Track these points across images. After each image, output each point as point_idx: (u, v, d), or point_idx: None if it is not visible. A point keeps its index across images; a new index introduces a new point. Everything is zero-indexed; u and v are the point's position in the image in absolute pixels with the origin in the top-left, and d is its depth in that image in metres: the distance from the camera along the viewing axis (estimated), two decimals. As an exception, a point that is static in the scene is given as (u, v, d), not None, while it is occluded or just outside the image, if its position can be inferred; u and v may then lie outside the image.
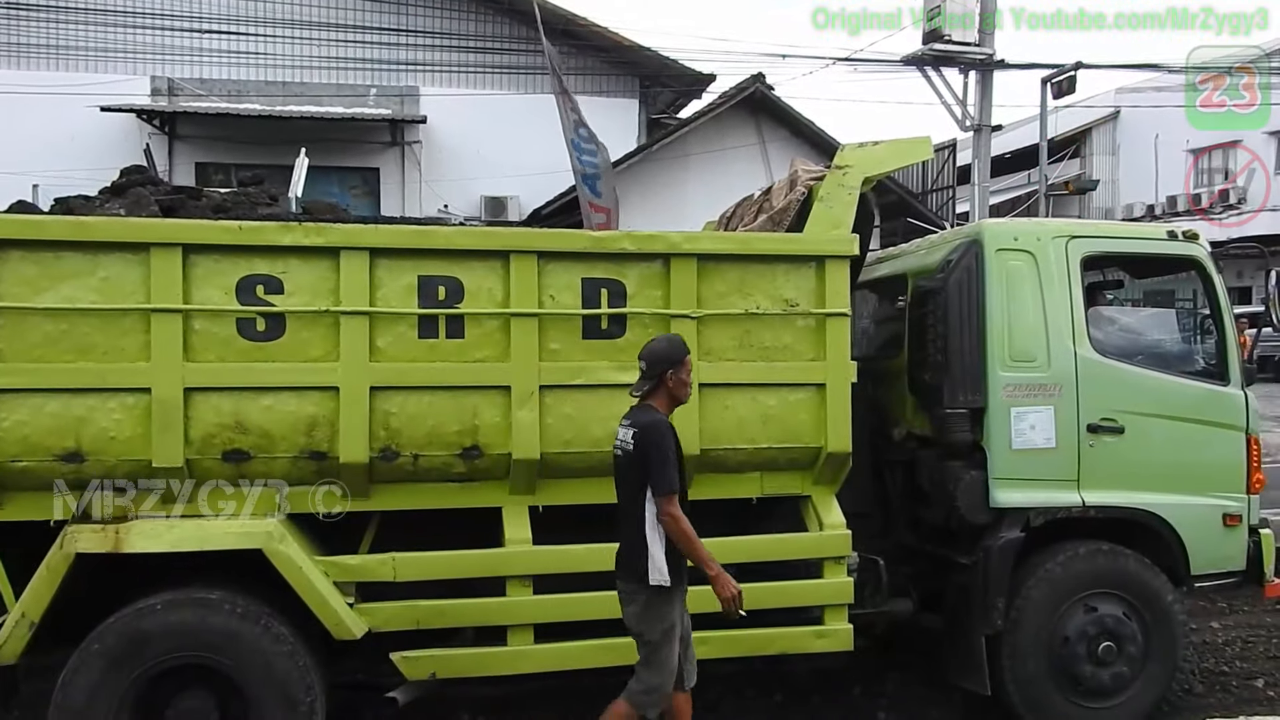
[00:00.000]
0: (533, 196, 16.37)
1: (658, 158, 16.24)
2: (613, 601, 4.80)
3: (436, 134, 16.98)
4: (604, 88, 17.47)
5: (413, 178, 17.03)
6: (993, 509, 5.19)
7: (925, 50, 16.45)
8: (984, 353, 5.21)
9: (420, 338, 4.65)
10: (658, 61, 17.57)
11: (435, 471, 4.72)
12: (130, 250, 4.41)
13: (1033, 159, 20.25)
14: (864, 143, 5.23)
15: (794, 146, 16.63)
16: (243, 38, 16.52)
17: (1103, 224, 6.73)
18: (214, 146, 16.57)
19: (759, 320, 4.94)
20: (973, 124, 16.96)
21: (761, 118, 16.78)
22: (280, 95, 16.69)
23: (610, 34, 17.12)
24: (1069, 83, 17.65)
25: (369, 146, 17.01)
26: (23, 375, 4.31)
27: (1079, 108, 22.88)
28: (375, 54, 16.87)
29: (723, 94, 17.13)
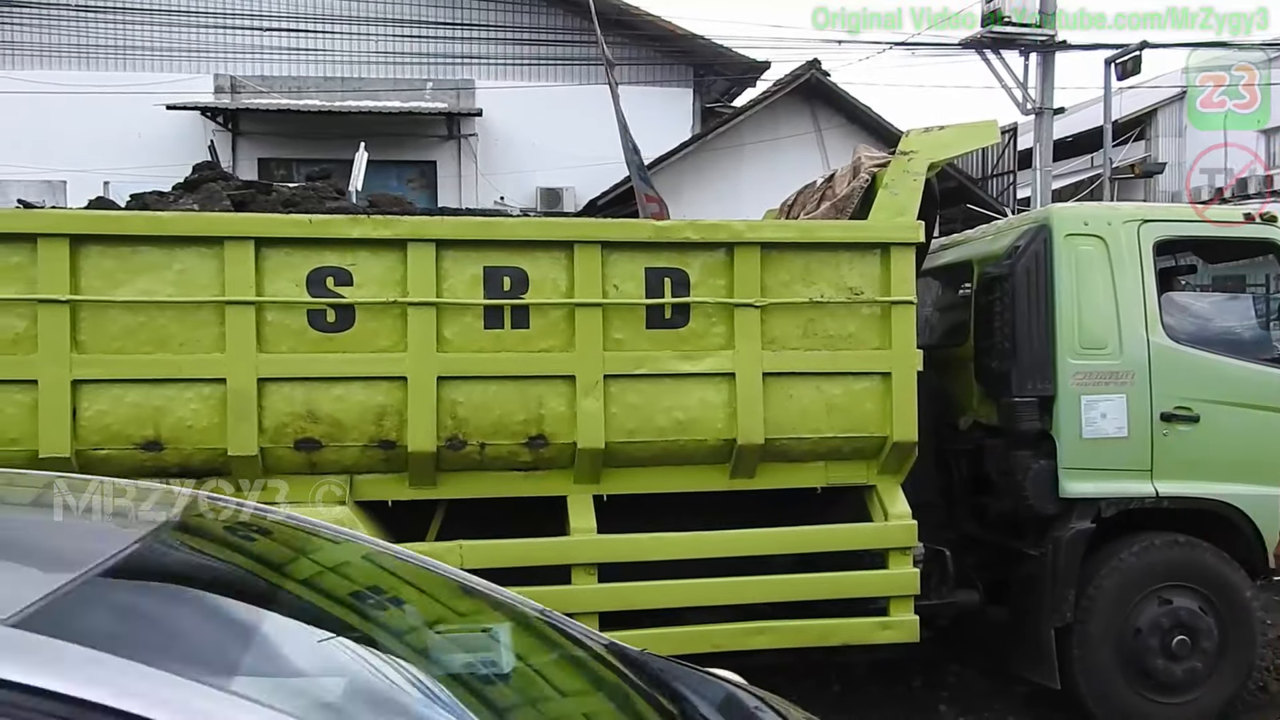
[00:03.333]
0: (588, 187, 16.33)
1: (712, 147, 16.15)
2: (674, 590, 4.85)
3: (492, 126, 17.01)
4: (657, 77, 17.41)
5: (469, 170, 17.11)
6: (1062, 499, 5.12)
7: (984, 33, 16.13)
8: (1053, 340, 5.13)
9: (486, 328, 4.70)
10: (711, 50, 17.43)
11: (501, 460, 4.76)
12: (205, 244, 4.50)
13: (1096, 142, 19.82)
14: (929, 127, 5.18)
15: (850, 133, 16.46)
16: (302, 34, 16.75)
17: (1176, 207, 6.58)
18: (276, 142, 16.82)
19: (823, 309, 4.91)
20: (1034, 107, 16.57)
21: (817, 105, 16.63)
22: (339, 91, 16.86)
23: (663, 23, 17.01)
24: (1134, 63, 17.17)
25: (426, 140, 17.12)
26: (104, 366, 4.42)
27: (1144, 88, 22.32)
28: (431, 48, 16.96)
29: (777, 81, 16.99)
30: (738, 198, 14.86)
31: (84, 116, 15.67)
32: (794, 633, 4.93)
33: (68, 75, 15.93)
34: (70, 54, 16.38)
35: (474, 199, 16.72)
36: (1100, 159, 20.17)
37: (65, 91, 15.41)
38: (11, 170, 13.67)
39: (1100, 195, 19.30)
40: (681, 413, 4.82)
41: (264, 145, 16.87)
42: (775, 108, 16.51)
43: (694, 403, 4.83)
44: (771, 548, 4.92)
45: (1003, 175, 19.13)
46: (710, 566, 4.92)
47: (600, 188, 15.86)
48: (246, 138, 16.99)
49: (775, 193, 12.98)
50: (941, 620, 5.38)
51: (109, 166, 14.59)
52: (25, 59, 16.16)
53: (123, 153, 15.30)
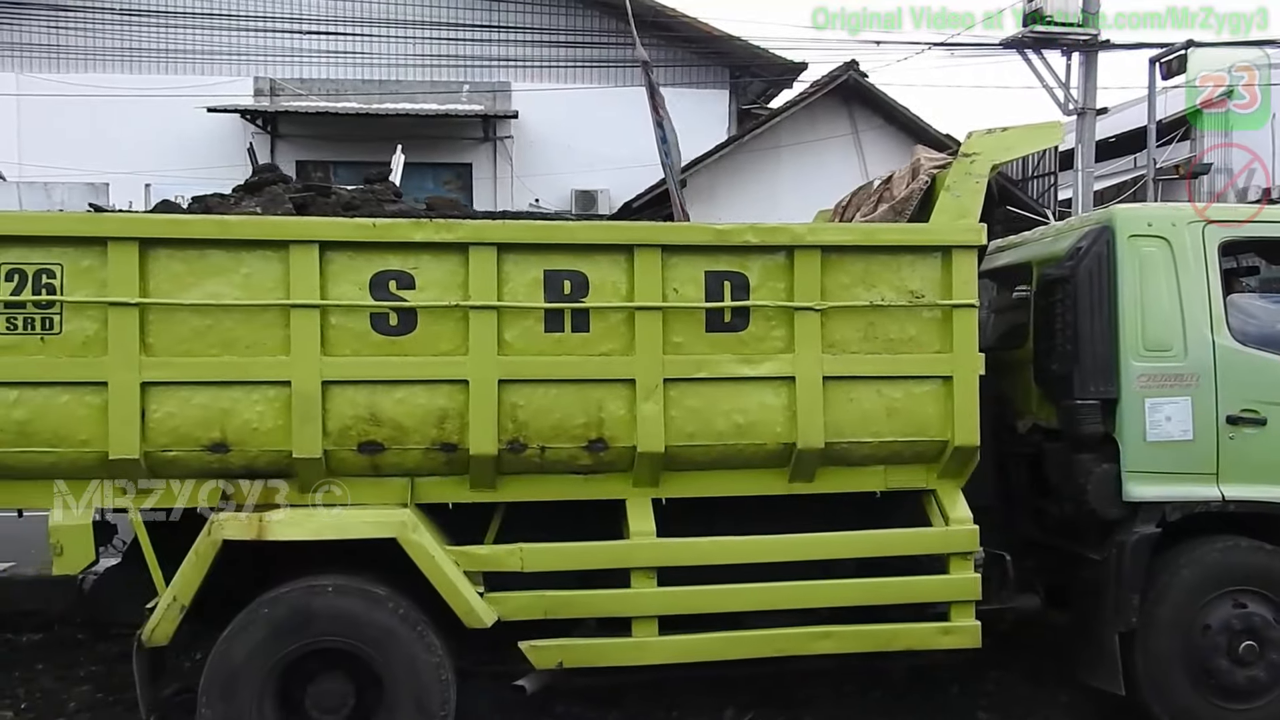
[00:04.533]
0: (622, 190, 16.35)
1: (749, 149, 16.11)
2: (736, 594, 4.84)
3: (527, 129, 17.09)
4: (694, 78, 17.42)
5: (504, 172, 17.17)
6: (1126, 503, 5.06)
7: (1026, 33, 15.97)
8: (1116, 342, 5.07)
9: (546, 331, 4.70)
10: (747, 51, 17.43)
11: (561, 464, 4.77)
12: (270, 247, 4.54)
13: (1139, 142, 19.52)
14: (991, 129, 5.13)
15: (888, 135, 16.43)
16: (340, 37, 16.85)
17: (1240, 207, 6.50)
18: (314, 144, 16.95)
19: (884, 312, 4.88)
20: (1076, 107, 16.41)
21: (854, 106, 16.55)
22: (377, 93, 16.99)
23: (700, 24, 17.02)
24: (1179, 62, 16.91)
25: (462, 142, 17.21)
26: (172, 368, 4.47)
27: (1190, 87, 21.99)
28: (468, 50, 17.04)
29: (814, 83, 16.91)
30: (775, 200, 14.81)
31: (127, 119, 15.88)
32: (857, 637, 4.90)
33: (111, 78, 16.14)
34: (114, 58, 16.59)
35: (509, 201, 16.79)
36: (1143, 159, 19.89)
37: (109, 95, 15.62)
38: (55, 172, 13.84)
39: (1143, 197, 19.07)
40: (741, 416, 4.81)
41: (302, 147, 17.01)
42: (812, 109, 16.46)
43: (753, 406, 4.82)
44: (834, 552, 4.90)
45: (1044, 177, 18.92)
46: (770, 570, 4.90)
47: (635, 190, 15.87)
48: (285, 140, 17.15)
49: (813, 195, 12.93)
50: (1002, 625, 5.34)
51: (151, 168, 14.75)
52: (70, 63, 16.38)
53: (164, 155, 15.49)
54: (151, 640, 4.40)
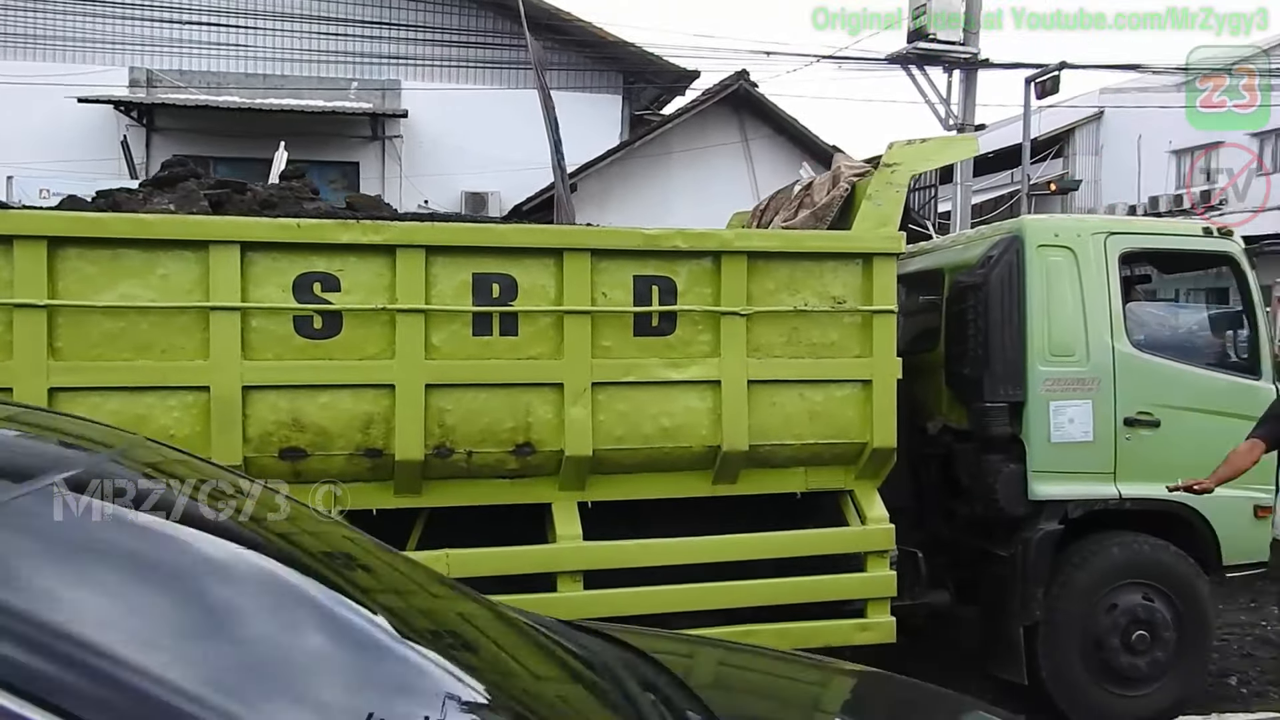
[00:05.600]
0: (513, 192, 16.22)
1: (640, 154, 16.23)
2: (662, 596, 4.88)
3: (417, 128, 16.77)
4: (587, 83, 17.41)
5: (393, 172, 16.79)
6: (1031, 501, 5.29)
7: (910, 49, 16.39)
8: (1024, 347, 5.30)
9: (474, 335, 4.66)
10: (641, 57, 17.46)
11: (488, 468, 4.73)
12: (189, 248, 4.38)
13: (1016, 158, 20.35)
14: (911, 140, 5.30)
15: (777, 144, 16.74)
16: (223, 29, 16.26)
17: (1140, 220, 6.87)
18: (192, 139, 16.20)
19: (807, 317, 4.99)
20: (956, 123, 16.81)
21: (745, 115, 16.82)
22: (260, 88, 16.41)
23: (594, 29, 17.01)
24: (1053, 83, 17.66)
25: (349, 140, 16.79)
26: (82, 373, 4.27)
27: (1062, 108, 23.06)
28: (357, 47, 16.66)
29: (706, 91, 17.13)
30: (666, 205, 14.95)
31: (-11, 108, 15.02)
32: (777, 636, 4.96)
33: (-33, 65, 15.25)
34: (-29, 43, 15.69)
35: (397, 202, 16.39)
36: (1019, 175, 20.78)
37: (-36, 82, 14.75)
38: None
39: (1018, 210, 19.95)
40: (668, 419, 4.85)
41: (179, 142, 16.22)
42: (704, 117, 16.68)
43: (680, 410, 4.86)
44: (756, 552, 4.99)
45: (925, 189, 19.58)
46: (693, 571, 4.95)
47: (526, 192, 15.71)
48: (161, 134, 16.44)
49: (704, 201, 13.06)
50: (914, 621, 5.51)
51: (14, 160, 14.05)
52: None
53: (30, 146, 14.72)
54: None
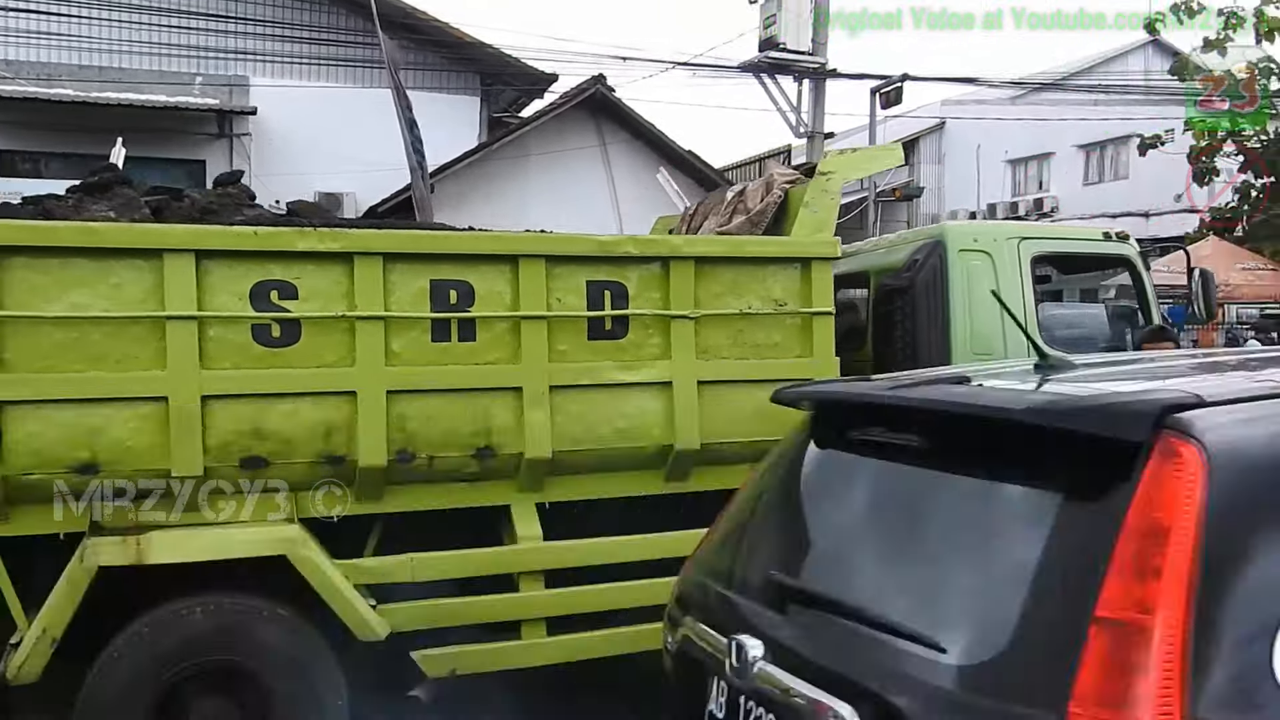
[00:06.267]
0: (369, 193, 15.83)
1: (498, 157, 16.21)
2: (622, 592, 5.02)
3: (267, 126, 16.20)
4: (444, 84, 17.24)
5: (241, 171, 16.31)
6: None
7: (761, 58, 16.64)
8: (949, 345, 5.61)
9: (433, 341, 4.71)
10: (499, 59, 17.34)
11: (449, 472, 4.79)
12: (142, 256, 4.32)
13: None
14: (844, 150, 5.56)
15: (634, 149, 16.96)
16: (55, 18, 15.34)
17: (1049, 226, 7.30)
18: (21, 133, 15.25)
19: (751, 319, 5.19)
20: (806, 131, 17.18)
21: (602, 119, 16.98)
22: (96, 80, 15.53)
23: (451, 30, 16.80)
24: (896, 93, 18.36)
25: (194, 137, 16.08)
26: (32, 386, 4.18)
27: (907, 118, 24.04)
28: (202, 41, 15.98)
29: (563, 94, 17.22)
30: (524, 208, 14.83)
31: None
32: None
33: None
34: None
35: (247, 201, 15.89)
36: (867, 182, 21.53)
37: None
38: None
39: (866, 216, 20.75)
40: (622, 420, 4.99)
41: (8, 136, 15.29)
42: (561, 120, 16.76)
43: (633, 410, 5.01)
44: (711, 547, 5.15)
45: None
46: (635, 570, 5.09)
47: (382, 193, 15.36)
48: (-12, 127, 15.31)
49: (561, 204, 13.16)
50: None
51: None
52: None
53: None
54: (18, 678, 4.11)
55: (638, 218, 12.59)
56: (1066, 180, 28.62)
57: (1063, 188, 28.52)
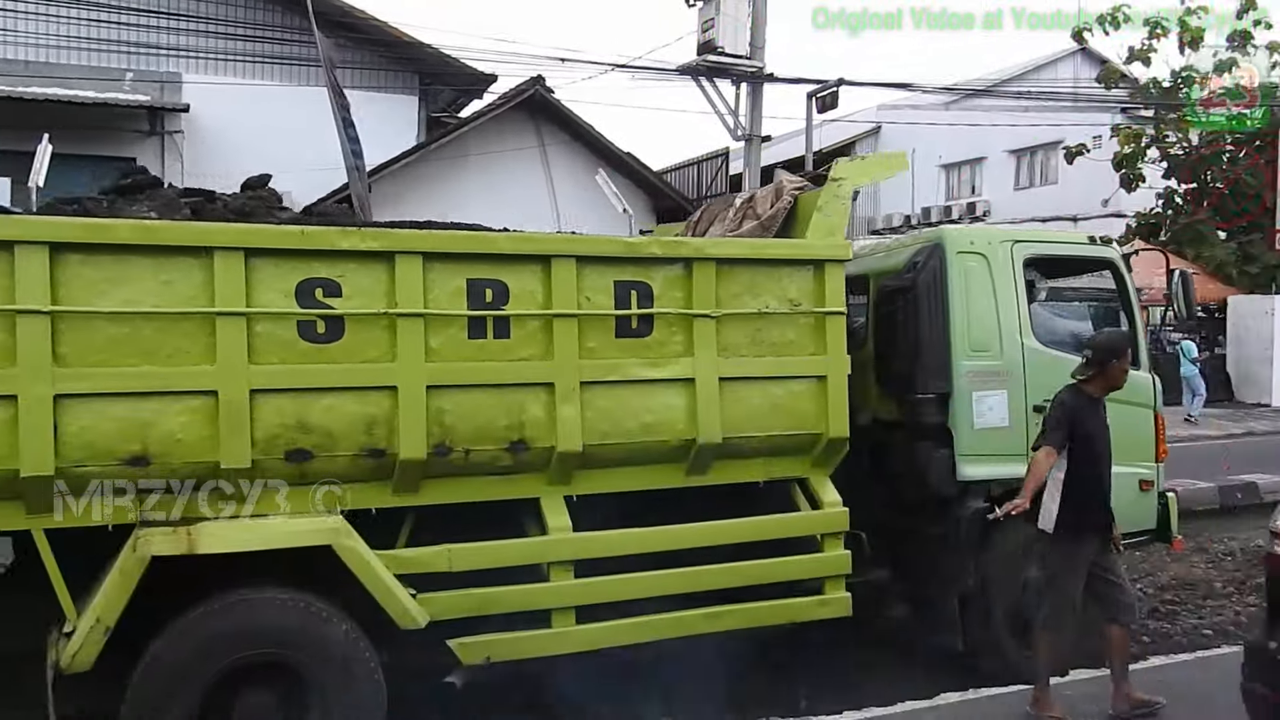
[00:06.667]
0: (306, 192, 14.78)
1: (436, 157, 16.21)
2: (649, 581, 5.21)
3: (200, 124, 15.81)
4: (382, 83, 17.07)
5: (174, 169, 15.55)
6: (959, 482, 5.87)
7: (699, 61, 16.64)
8: (949, 344, 5.88)
9: (470, 338, 4.87)
10: (438, 59, 17.13)
11: (483, 465, 4.94)
12: (193, 254, 4.43)
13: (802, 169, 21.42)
14: (853, 158, 5.82)
15: (573, 150, 17.07)
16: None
17: (1038, 230, 7.66)
18: None
19: (769, 319, 5.42)
20: (744, 134, 17.20)
21: (541, 120, 17.08)
22: (22, 75, 14.95)
23: (389, 28, 16.53)
24: (832, 98, 18.62)
25: (125, 134, 15.54)
26: (86, 379, 4.27)
27: (844, 122, 24.45)
28: (133, 36, 15.56)
29: (503, 95, 17.21)
30: (463, 209, 14.48)
31: None
32: (750, 614, 5.41)
33: None
34: None
35: (180, 199, 15.51)
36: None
37: None
38: None
39: None
40: (648, 415, 5.19)
41: None
42: (500, 121, 16.82)
43: (658, 406, 5.21)
44: (734, 537, 5.38)
45: (715, 197, 20.28)
46: (651, 561, 5.28)
47: (319, 192, 14.74)
48: (-98, 122, 14.79)
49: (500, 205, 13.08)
50: (858, 596, 6.00)
51: None
52: None
53: None
54: (72, 666, 4.18)
55: (577, 219, 12.74)
56: (998, 185, 29.38)
57: (995, 192, 29.27)
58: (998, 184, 29.35)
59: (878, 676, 6.08)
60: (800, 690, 5.91)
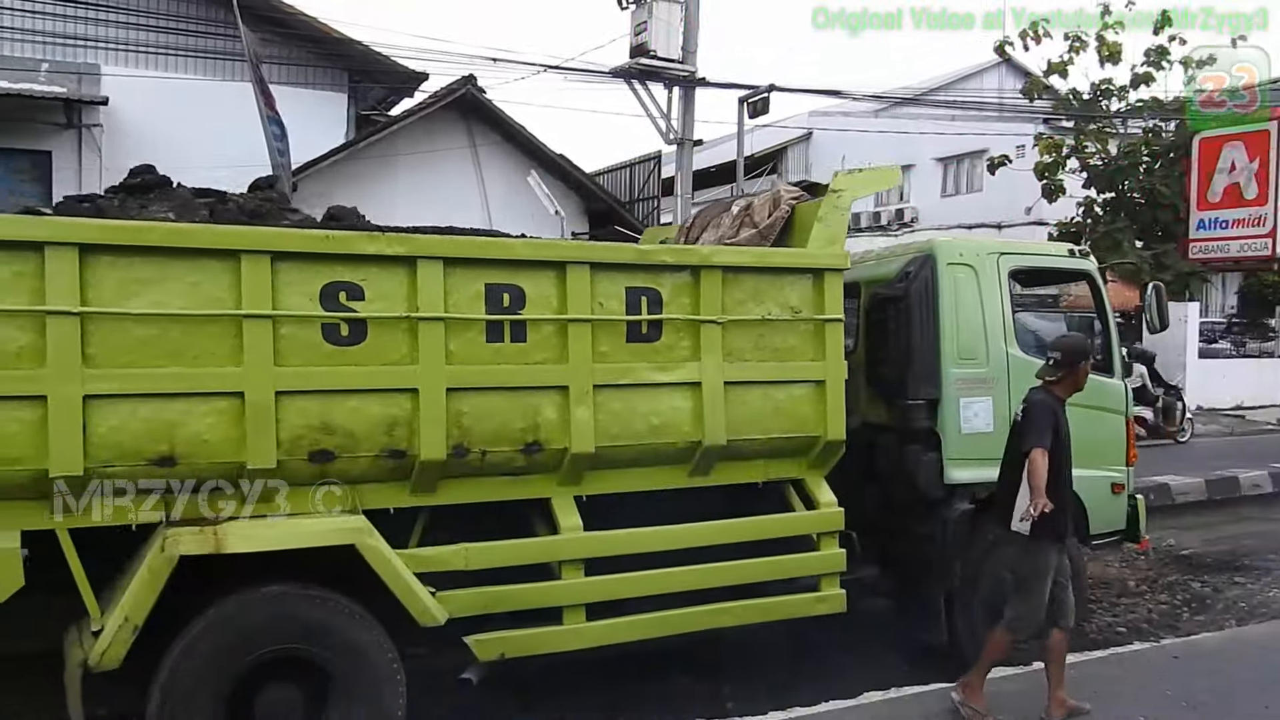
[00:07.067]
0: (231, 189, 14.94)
1: (366, 155, 15.98)
2: (658, 579, 5.36)
3: (120, 117, 15.23)
4: (311, 79, 16.72)
5: (92, 164, 15.13)
6: (946, 485, 6.11)
7: (632, 64, 16.59)
8: (939, 352, 6.11)
9: (488, 342, 4.98)
10: (368, 56, 16.76)
11: (498, 466, 5.05)
12: (221, 257, 4.48)
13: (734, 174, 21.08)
14: (852, 170, 6.02)
15: (505, 151, 17.04)
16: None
17: (1021, 243, 7.94)
18: None
19: (771, 325, 5.59)
20: (676, 138, 17.27)
21: (473, 120, 17.00)
22: None
23: (317, 24, 16.12)
24: (763, 103, 18.70)
25: (40, 128, 14.81)
26: (115, 380, 4.30)
27: (776, 127, 24.60)
28: (48, 26, 15.03)
29: (434, 94, 17.09)
30: (392, 209, 14.23)
31: None
32: (752, 610, 5.59)
33: None
34: None
35: (98, 196, 15.01)
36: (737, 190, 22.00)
37: None
38: None
39: None
40: (656, 418, 5.34)
41: None
42: (431, 120, 16.69)
43: (666, 409, 5.36)
44: (740, 535, 5.57)
45: (648, 200, 20.42)
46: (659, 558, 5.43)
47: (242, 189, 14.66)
48: None
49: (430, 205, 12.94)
50: (850, 592, 6.20)
51: None
52: None
53: None
54: (101, 664, 4.21)
55: (508, 221, 12.67)
56: (926, 192, 29.84)
57: (922, 199, 29.72)
58: (925, 191, 29.78)
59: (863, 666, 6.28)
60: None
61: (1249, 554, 9.37)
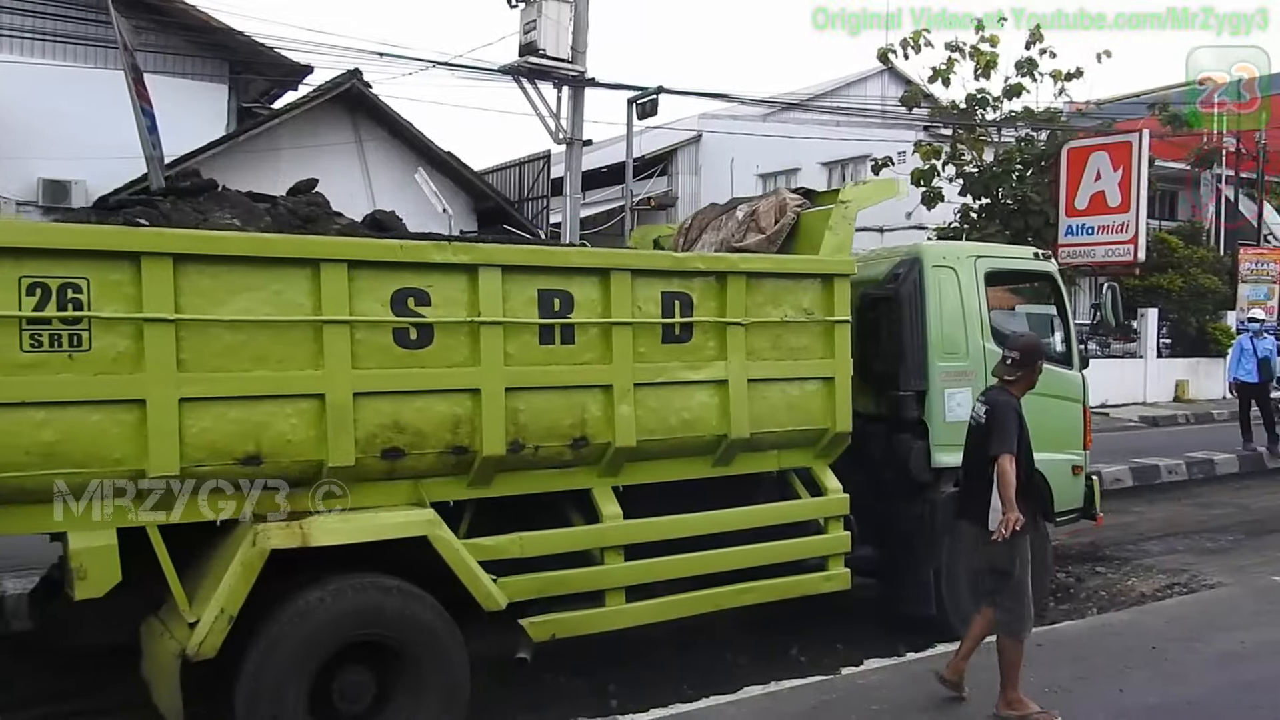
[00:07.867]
0: (101, 181, 14.24)
1: (247, 149, 15.70)
2: (688, 562, 5.77)
3: None
4: (189, 69, 16.33)
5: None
6: (933, 469, 6.68)
7: (521, 62, 16.35)
8: (926, 347, 6.66)
9: (541, 344, 5.30)
10: (250, 47, 16.49)
11: (548, 460, 5.39)
12: (301, 265, 4.69)
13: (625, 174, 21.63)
14: (857, 182, 6.51)
15: (392, 146, 17.08)
16: None
17: (994, 246, 8.56)
18: None
19: (787, 326, 6.04)
20: (565, 137, 16.97)
21: (359, 116, 16.95)
22: None
23: (196, 12, 15.94)
24: (651, 105, 19.11)
25: None
26: (207, 384, 4.49)
27: (666, 129, 24.85)
28: None
29: (318, 88, 16.93)
30: None
31: None
32: (769, 589, 6.06)
33: None
34: None
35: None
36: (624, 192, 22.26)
37: None
38: None
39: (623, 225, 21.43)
40: (687, 413, 5.74)
41: None
42: (316, 114, 16.54)
43: (695, 405, 5.77)
44: (762, 520, 6.04)
45: (537, 199, 20.49)
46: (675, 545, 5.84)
47: (116, 182, 13.94)
48: None
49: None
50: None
51: None
52: None
53: None
54: (200, 653, 4.41)
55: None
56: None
57: None
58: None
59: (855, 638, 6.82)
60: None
61: (1110, 545, 9.68)
